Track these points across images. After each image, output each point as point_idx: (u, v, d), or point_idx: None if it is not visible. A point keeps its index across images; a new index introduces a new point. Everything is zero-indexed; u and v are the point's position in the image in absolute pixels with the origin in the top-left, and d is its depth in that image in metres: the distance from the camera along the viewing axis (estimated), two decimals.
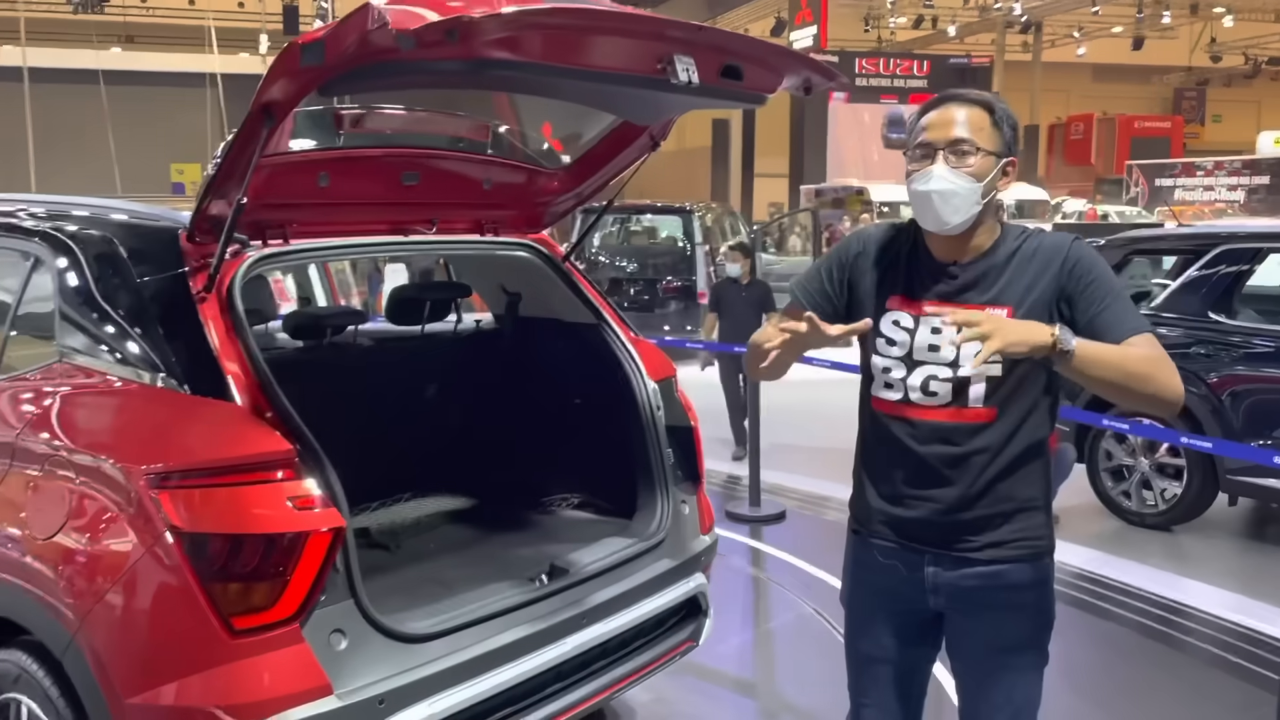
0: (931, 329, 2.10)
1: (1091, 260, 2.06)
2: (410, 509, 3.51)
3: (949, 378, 2.09)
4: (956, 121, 2.08)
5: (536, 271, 3.37)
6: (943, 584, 2.14)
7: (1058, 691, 4.17)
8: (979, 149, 2.06)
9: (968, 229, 2.09)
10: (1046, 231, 2.16)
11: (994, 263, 2.10)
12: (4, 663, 2.46)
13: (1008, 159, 2.10)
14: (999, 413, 2.08)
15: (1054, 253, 2.07)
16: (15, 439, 2.55)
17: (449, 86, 2.46)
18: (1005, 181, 2.11)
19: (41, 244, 2.75)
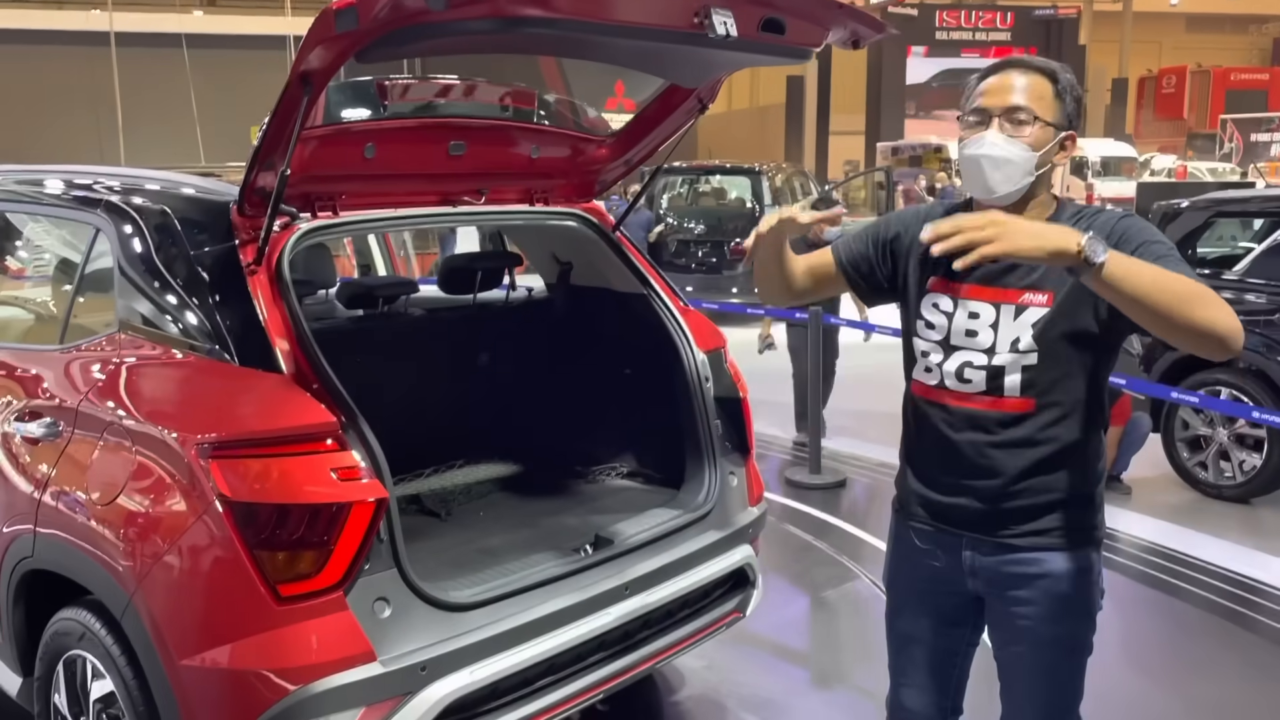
0: (969, 313, 2.05)
1: (1140, 227, 1.96)
2: (462, 475, 3.56)
3: (984, 365, 2.03)
4: (1015, 88, 2.00)
5: (586, 241, 3.35)
6: (981, 568, 2.11)
7: (1121, 669, 4.10)
8: (1036, 118, 1.98)
9: (1017, 203, 2.02)
10: (1101, 209, 2.05)
11: None
12: (70, 621, 2.57)
13: (1067, 133, 2.02)
14: (1037, 404, 2.01)
15: (1103, 228, 1.95)
16: (78, 406, 2.64)
17: (484, 50, 2.44)
18: (1063, 156, 2.03)
19: (101, 216, 2.82)
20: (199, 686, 2.29)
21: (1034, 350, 1.97)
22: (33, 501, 2.65)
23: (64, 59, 32.67)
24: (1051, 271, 1.95)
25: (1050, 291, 1.98)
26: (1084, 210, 2.06)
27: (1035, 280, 2.00)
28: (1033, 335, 1.99)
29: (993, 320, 2.03)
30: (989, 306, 2.03)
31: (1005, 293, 2.02)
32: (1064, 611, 2.07)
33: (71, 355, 2.80)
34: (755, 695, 3.69)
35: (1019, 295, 2.01)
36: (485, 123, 3.00)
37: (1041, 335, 1.98)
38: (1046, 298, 1.98)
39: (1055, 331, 1.98)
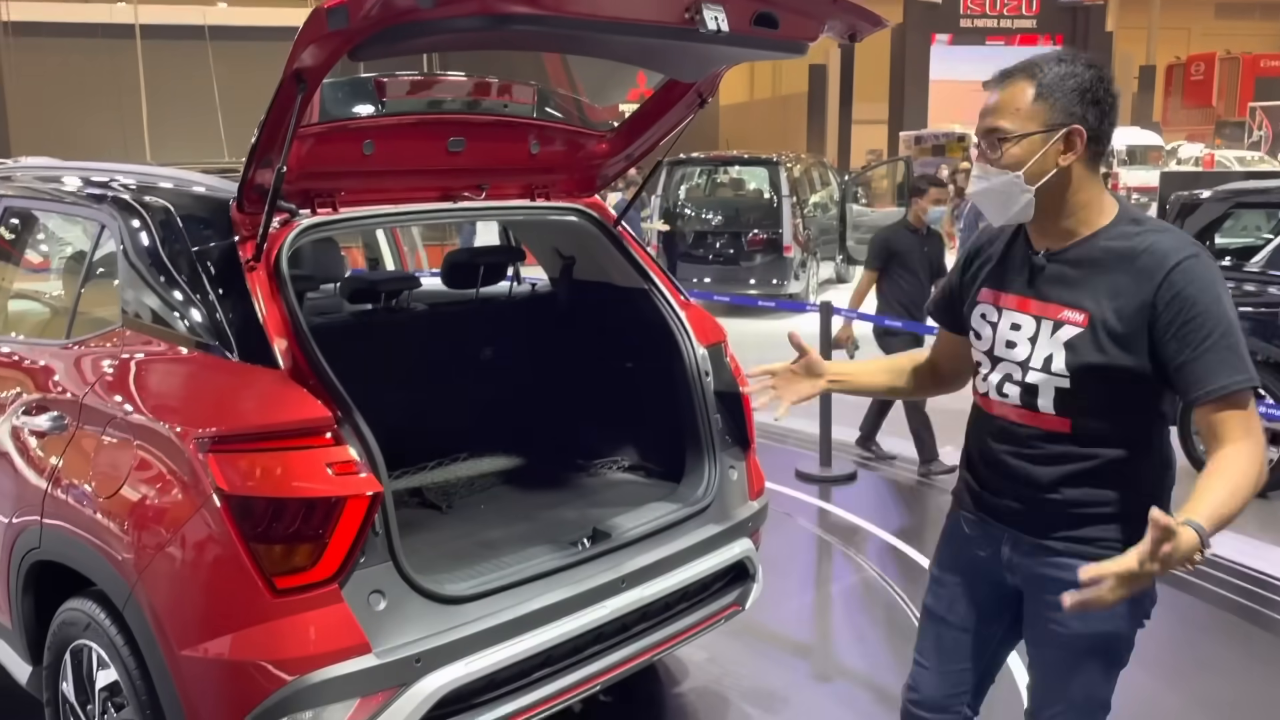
0: (1011, 324, 2.01)
1: (1195, 292, 1.81)
2: (465, 468, 3.59)
3: (1019, 380, 2.00)
4: (990, 109, 1.95)
5: (588, 235, 3.37)
6: (1018, 565, 2.08)
7: (1134, 665, 4.05)
8: (1010, 135, 1.90)
9: (1051, 212, 1.93)
10: (1166, 230, 1.92)
11: (1087, 255, 1.93)
12: (76, 611, 2.61)
13: (1068, 128, 1.88)
14: (1074, 426, 1.95)
15: (1157, 267, 1.84)
16: (82, 400, 2.68)
17: (476, 47, 2.46)
18: (1069, 155, 1.90)
19: (106, 212, 2.86)
20: (198, 676, 2.33)
21: (1065, 374, 1.92)
22: (40, 493, 2.70)
23: (89, 52, 32.97)
24: (1095, 288, 1.89)
25: (1087, 312, 1.90)
26: (1143, 225, 1.92)
27: (1077, 299, 1.92)
28: (1065, 356, 1.92)
29: (1032, 333, 1.98)
30: (1030, 319, 1.98)
31: (1046, 306, 1.96)
32: (1095, 620, 1.97)
33: (77, 350, 2.85)
34: (758, 688, 3.71)
35: (1059, 310, 1.94)
36: (484, 118, 3.01)
37: (1074, 356, 1.91)
38: (1083, 317, 1.91)
39: (1089, 354, 1.90)
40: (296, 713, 2.29)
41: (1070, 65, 1.91)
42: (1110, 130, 1.93)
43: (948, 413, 7.72)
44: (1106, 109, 1.91)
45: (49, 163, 3.76)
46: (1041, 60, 1.93)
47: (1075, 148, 1.90)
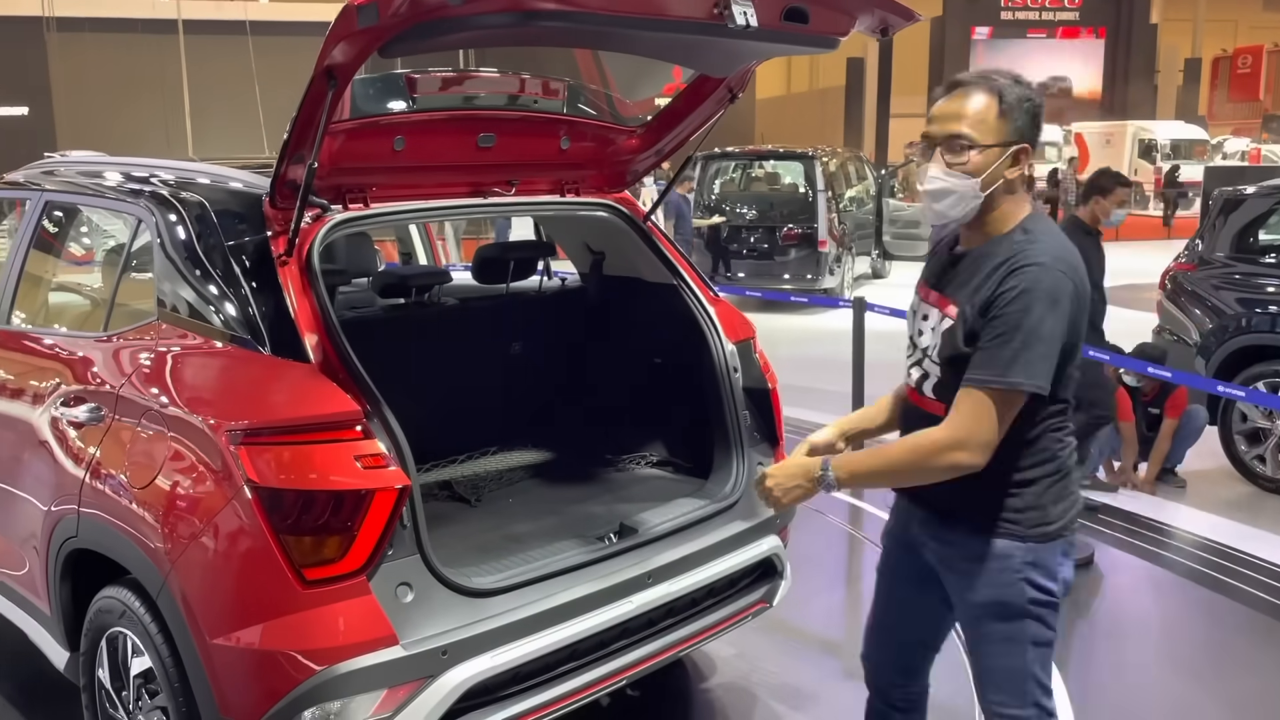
0: (923, 315, 2.22)
1: (1018, 294, 2.00)
2: (494, 462, 3.61)
3: (919, 365, 2.22)
4: (957, 114, 2.08)
5: (617, 231, 3.37)
6: (926, 542, 2.28)
7: (1166, 668, 4.03)
8: (975, 144, 2.06)
9: (986, 217, 2.12)
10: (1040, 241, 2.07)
11: (982, 256, 2.11)
12: (111, 599, 2.66)
13: (1017, 147, 2.07)
14: (947, 409, 2.10)
15: (1009, 269, 2.04)
16: (118, 392, 2.73)
17: (504, 44, 2.46)
18: (1014, 170, 2.09)
19: (142, 207, 2.90)
20: (229, 665, 2.36)
21: (938, 363, 2.14)
22: (77, 483, 2.75)
23: (132, 47, 33.43)
24: (969, 285, 2.08)
25: (959, 306, 2.10)
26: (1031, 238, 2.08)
27: (954, 293, 2.12)
28: (939, 346, 2.14)
29: (934, 325, 2.18)
30: (935, 311, 2.19)
31: (942, 299, 2.16)
32: (998, 591, 2.15)
33: (115, 342, 2.90)
34: (786, 684, 3.70)
35: (946, 304, 2.14)
36: (515, 114, 3.02)
37: (944, 347, 2.13)
38: (955, 310, 2.11)
39: (951, 346, 2.11)
40: (325, 702, 2.32)
41: (1024, 89, 2.09)
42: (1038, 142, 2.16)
43: None
44: (1039, 133, 2.13)
45: (92, 157, 3.82)
46: (999, 79, 2.09)
47: (1020, 164, 2.10)
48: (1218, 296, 6.23)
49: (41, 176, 3.61)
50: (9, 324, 3.46)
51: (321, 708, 2.32)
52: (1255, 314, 5.95)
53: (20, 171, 3.83)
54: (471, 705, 2.48)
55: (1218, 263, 6.34)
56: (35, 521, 2.96)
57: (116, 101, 33.29)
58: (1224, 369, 5.88)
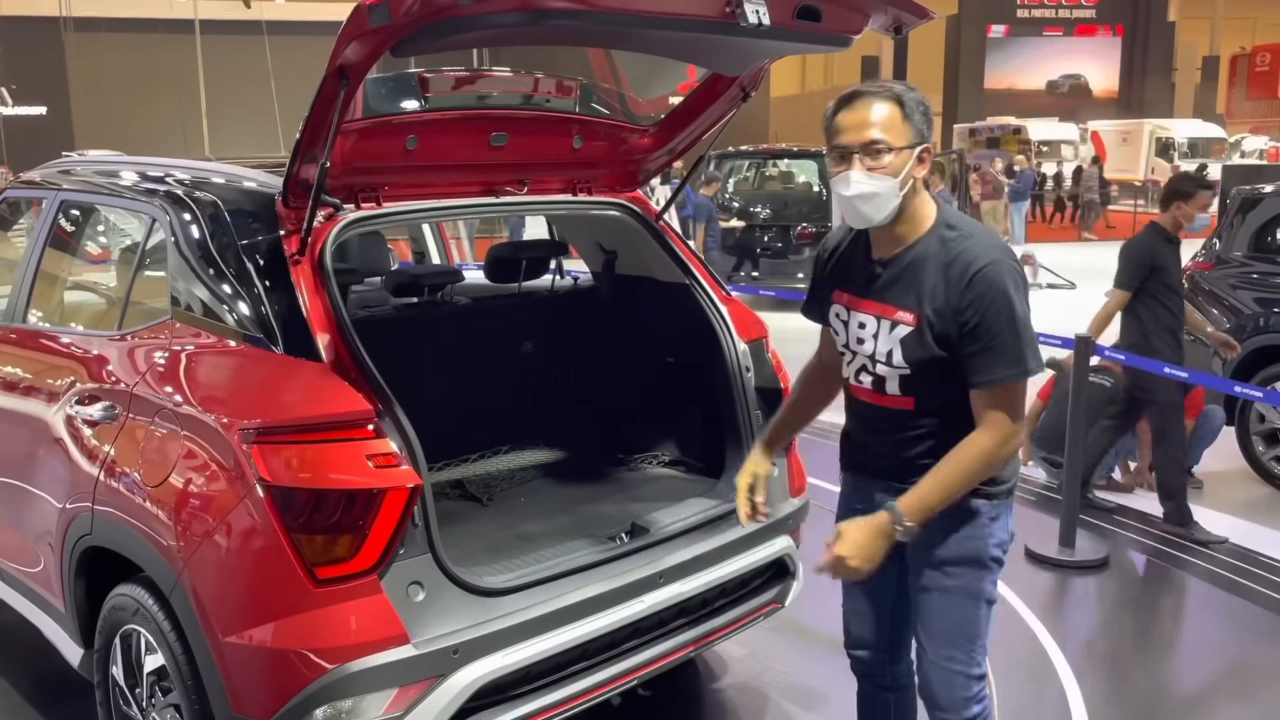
0: (859, 323, 2.33)
1: (990, 295, 2.13)
2: (506, 461, 3.61)
3: (871, 370, 2.33)
4: (867, 122, 2.19)
5: (629, 230, 3.36)
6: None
7: (1181, 670, 4.00)
8: (891, 147, 2.18)
9: (900, 218, 2.23)
10: (973, 236, 2.22)
11: (913, 261, 2.23)
12: (125, 597, 2.68)
13: (922, 146, 2.21)
14: (916, 404, 2.28)
15: (963, 271, 2.16)
16: (132, 390, 2.74)
17: (516, 42, 2.47)
18: (921, 168, 2.23)
19: (156, 206, 2.91)
20: (241, 663, 2.37)
21: (905, 365, 2.25)
22: (91, 480, 2.77)
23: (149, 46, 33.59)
24: (918, 292, 2.20)
25: (915, 312, 2.22)
26: (957, 231, 2.22)
27: (907, 301, 2.23)
28: (902, 351, 2.24)
29: (875, 331, 2.29)
30: (873, 319, 2.30)
31: (884, 308, 2.27)
32: (956, 546, 2.32)
33: (129, 341, 2.91)
34: (797, 685, 3.69)
35: (894, 312, 2.25)
36: (527, 113, 3.02)
37: (909, 352, 2.23)
38: (913, 317, 2.22)
39: (920, 350, 2.22)
40: (336, 701, 2.32)
41: (915, 93, 2.23)
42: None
43: None
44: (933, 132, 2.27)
45: (109, 156, 3.84)
46: (894, 86, 2.22)
47: (925, 163, 2.24)
48: (1235, 296, 6.18)
49: (58, 176, 3.63)
50: (25, 322, 3.48)
51: (333, 706, 2.33)
52: (1273, 313, 5.90)
53: (37, 170, 3.86)
54: (482, 704, 2.48)
55: (1235, 262, 6.29)
56: (50, 519, 2.98)
57: (133, 101, 33.49)
58: (1241, 369, 5.83)
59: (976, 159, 20.66)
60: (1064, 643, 4.02)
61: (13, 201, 4.14)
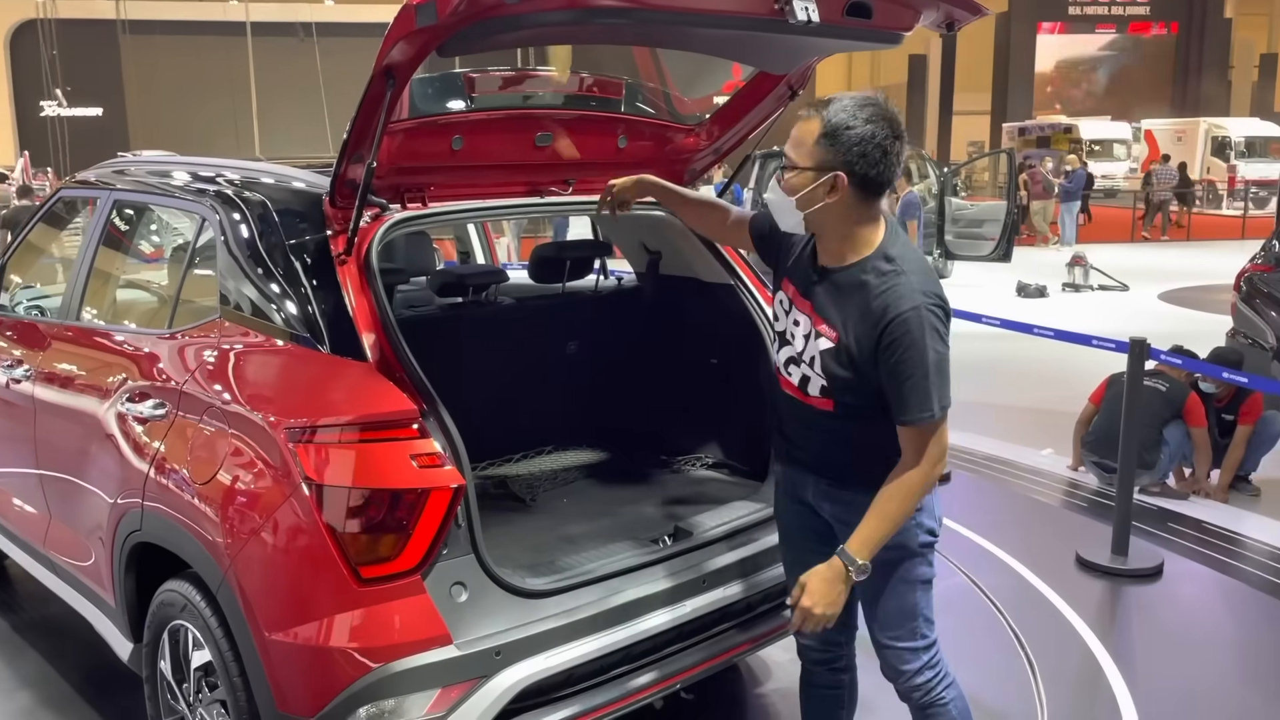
0: (794, 320, 2.38)
1: (906, 341, 2.19)
2: (549, 461, 3.60)
3: (798, 367, 2.39)
4: (791, 135, 2.25)
5: (674, 230, 3.34)
6: (823, 500, 2.48)
7: (1237, 682, 3.89)
8: (794, 165, 2.23)
9: (825, 236, 2.31)
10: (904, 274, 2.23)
11: (846, 283, 2.28)
12: (173, 593, 2.70)
13: (831, 174, 2.18)
14: (835, 405, 2.35)
15: (881, 316, 2.21)
16: (181, 388, 2.77)
17: (562, 41, 2.46)
18: (833, 196, 2.21)
19: (206, 205, 2.94)
20: (285, 660, 2.38)
21: (823, 376, 2.32)
22: (141, 477, 2.80)
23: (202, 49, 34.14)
24: (845, 318, 2.27)
25: (837, 333, 2.28)
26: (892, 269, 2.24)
27: (831, 317, 2.30)
28: (821, 362, 2.31)
29: (806, 332, 2.35)
30: (806, 320, 2.35)
31: (815, 317, 2.33)
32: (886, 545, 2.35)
33: (178, 339, 2.94)
34: None
35: (820, 323, 2.32)
36: (572, 113, 3.01)
37: (825, 365, 2.31)
38: (834, 336, 2.29)
39: (836, 366, 2.29)
40: (379, 700, 2.32)
41: (855, 116, 2.18)
42: (887, 176, 2.22)
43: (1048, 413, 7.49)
44: (878, 160, 2.19)
45: (162, 156, 3.89)
46: (839, 105, 2.21)
47: (837, 191, 2.21)
48: None
49: (112, 176, 3.69)
50: (79, 320, 3.54)
51: (376, 705, 2.33)
52: None
53: (92, 170, 3.92)
54: (524, 707, 2.47)
55: None
56: (101, 514, 3.02)
57: (187, 102, 34.06)
58: None
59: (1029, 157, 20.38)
60: (1116, 654, 3.93)
61: (68, 201, 4.22)
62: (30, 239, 4.25)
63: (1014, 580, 4.61)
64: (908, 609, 2.46)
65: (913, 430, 2.25)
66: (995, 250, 11.20)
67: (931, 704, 2.52)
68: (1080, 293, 14.12)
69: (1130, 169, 28.96)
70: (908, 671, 2.50)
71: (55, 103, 30.10)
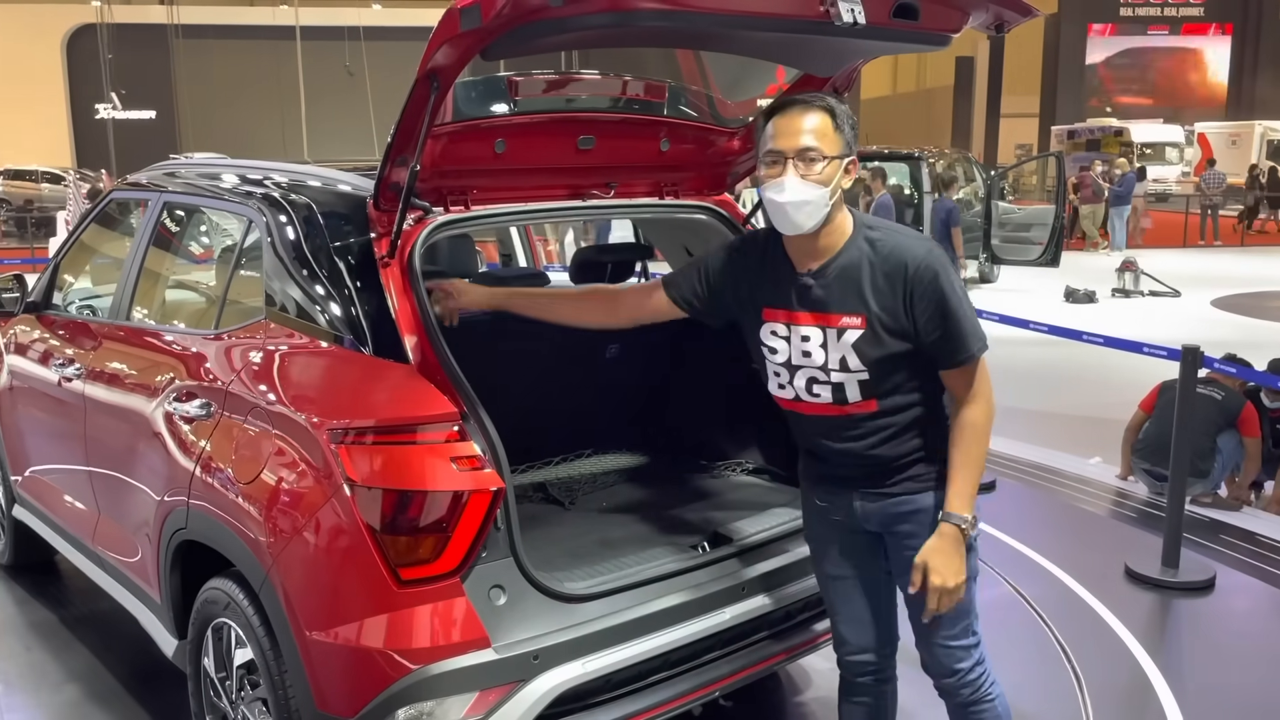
0: (801, 337, 2.35)
1: (930, 283, 2.23)
2: (589, 465, 3.60)
3: (826, 381, 2.35)
4: (803, 129, 2.24)
5: (717, 234, 3.31)
6: (870, 513, 2.45)
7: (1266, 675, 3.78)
8: (825, 156, 2.23)
9: (826, 228, 2.29)
10: (898, 232, 2.31)
11: (846, 268, 2.29)
12: (217, 590, 2.73)
13: (849, 158, 2.28)
14: (879, 404, 2.34)
15: (899, 268, 2.24)
16: (227, 388, 2.80)
17: (606, 44, 2.45)
18: (847, 179, 2.29)
19: (253, 208, 2.97)
20: (326, 660, 2.40)
21: (863, 368, 2.29)
22: (188, 475, 2.83)
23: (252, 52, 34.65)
24: (861, 296, 2.27)
25: (862, 315, 2.28)
26: (878, 232, 2.31)
27: (850, 305, 2.28)
28: (856, 355, 2.28)
29: (821, 342, 2.32)
30: (817, 330, 2.32)
31: (827, 317, 2.31)
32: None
33: (224, 340, 2.98)
34: None
35: (839, 319, 2.30)
36: (614, 116, 3.00)
37: (864, 354, 2.28)
38: (860, 320, 2.28)
39: (876, 349, 2.28)
40: (418, 702, 2.33)
41: (845, 106, 2.30)
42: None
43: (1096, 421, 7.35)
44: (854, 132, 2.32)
45: (213, 159, 3.94)
46: (826, 97, 2.29)
47: (851, 174, 2.30)
48: None
49: (163, 178, 3.74)
50: (129, 319, 3.59)
51: (415, 707, 2.34)
52: None
53: (143, 173, 3.98)
54: (562, 711, 2.46)
55: None
56: (148, 511, 3.07)
57: (236, 105, 34.57)
58: None
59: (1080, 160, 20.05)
60: (1166, 668, 3.85)
61: (120, 202, 4.29)
62: (83, 240, 4.33)
63: (1060, 591, 4.53)
64: (964, 606, 2.43)
65: (964, 371, 2.29)
66: (1043, 254, 11.05)
67: (979, 700, 2.50)
68: (1130, 298, 13.88)
69: (1183, 173, 28.41)
70: (961, 670, 2.48)
71: (110, 106, 30.72)
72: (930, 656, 2.51)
